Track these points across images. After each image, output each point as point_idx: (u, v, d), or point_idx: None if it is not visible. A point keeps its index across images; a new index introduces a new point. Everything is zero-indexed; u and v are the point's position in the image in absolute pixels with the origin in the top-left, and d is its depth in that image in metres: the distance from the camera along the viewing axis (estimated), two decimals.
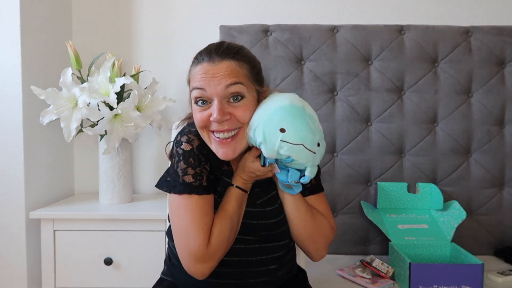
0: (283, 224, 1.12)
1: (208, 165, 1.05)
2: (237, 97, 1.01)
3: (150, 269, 1.61)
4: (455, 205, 1.70)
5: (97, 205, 1.75)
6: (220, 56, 1.01)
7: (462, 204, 1.72)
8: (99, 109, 1.58)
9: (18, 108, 1.61)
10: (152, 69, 1.93)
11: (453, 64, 1.80)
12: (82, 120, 1.62)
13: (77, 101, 1.60)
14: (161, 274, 1.21)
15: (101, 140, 1.72)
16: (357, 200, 1.79)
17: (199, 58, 1.04)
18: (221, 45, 1.04)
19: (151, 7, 1.97)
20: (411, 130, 1.79)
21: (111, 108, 1.62)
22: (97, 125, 1.60)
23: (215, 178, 1.07)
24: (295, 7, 1.94)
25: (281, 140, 0.98)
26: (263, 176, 1.07)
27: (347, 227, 1.79)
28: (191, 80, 1.04)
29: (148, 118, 1.68)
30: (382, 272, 1.51)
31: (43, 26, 1.74)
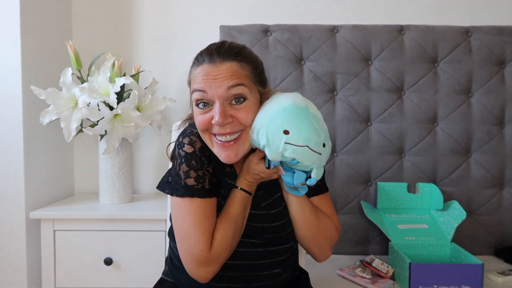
0: (288, 226, 1.11)
1: (210, 167, 1.03)
2: (239, 99, 0.98)
3: (150, 269, 1.61)
4: (455, 205, 1.70)
5: (97, 205, 1.75)
6: (221, 57, 0.98)
7: (462, 204, 1.72)
8: (99, 109, 1.58)
9: (18, 108, 1.61)
10: (152, 69, 1.93)
11: (453, 64, 1.80)
12: (82, 120, 1.62)
13: (77, 101, 1.60)
14: (162, 274, 1.20)
15: (101, 140, 1.72)
16: (357, 200, 1.79)
17: (199, 59, 1.01)
18: (222, 45, 1.01)
19: (151, 7, 1.97)
20: (411, 130, 1.79)
21: (111, 108, 1.62)
22: (97, 125, 1.60)
23: (217, 180, 1.06)
24: (295, 7, 1.94)
25: (285, 142, 0.95)
26: (268, 178, 1.05)
27: (347, 227, 1.79)
28: (192, 81, 1.02)
29: (148, 118, 1.68)
30: (382, 272, 1.51)
31: (43, 26, 1.74)
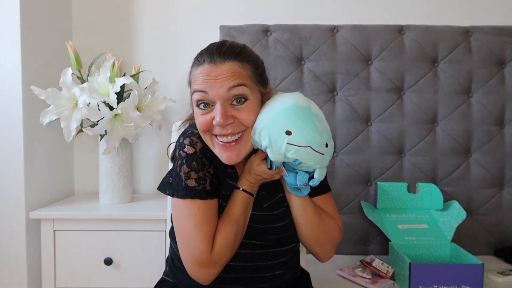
0: (290, 227, 1.10)
1: (211, 168, 1.03)
2: (241, 99, 0.98)
3: (150, 269, 1.61)
4: (455, 205, 1.70)
5: (97, 205, 1.75)
6: (222, 57, 0.97)
7: (462, 204, 1.72)
8: (99, 109, 1.58)
9: (18, 108, 1.61)
10: (152, 69, 1.93)
11: (453, 64, 1.80)
12: (82, 120, 1.62)
13: (77, 101, 1.60)
14: (162, 274, 1.20)
15: (101, 140, 1.72)
16: (357, 200, 1.79)
17: (200, 59, 1.00)
18: (222, 45, 1.00)
19: (151, 7, 1.97)
20: (411, 130, 1.79)
21: (111, 108, 1.62)
22: (97, 125, 1.60)
23: (219, 181, 1.05)
24: (295, 7, 1.94)
25: (287, 143, 0.94)
26: (270, 178, 1.05)
27: (347, 227, 1.79)
28: (192, 82, 1.01)
29: (148, 118, 1.68)
30: (382, 272, 1.51)
31: (43, 26, 1.74)
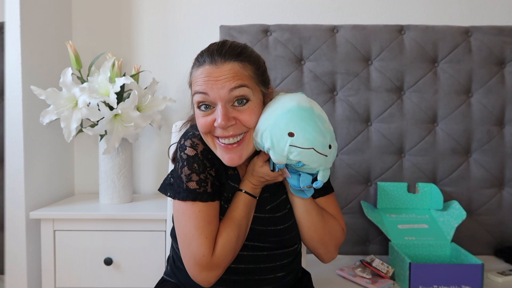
0: (293, 229, 1.10)
1: (213, 170, 1.02)
2: (242, 100, 0.96)
3: (150, 269, 1.61)
4: (455, 205, 1.70)
5: (97, 205, 1.75)
6: (222, 57, 0.96)
7: (462, 204, 1.72)
8: (99, 109, 1.58)
9: (18, 108, 1.61)
10: (152, 69, 1.93)
11: (453, 64, 1.80)
12: (82, 120, 1.62)
13: (77, 101, 1.60)
14: (163, 274, 1.19)
15: (101, 140, 1.72)
16: (357, 200, 1.79)
17: (200, 59, 0.99)
18: (223, 45, 0.99)
19: (151, 7, 1.97)
20: (411, 130, 1.79)
21: (111, 108, 1.62)
22: (97, 125, 1.60)
23: (220, 183, 1.04)
24: (295, 7, 1.94)
25: (290, 145, 0.93)
26: (273, 180, 1.04)
27: (347, 227, 1.79)
28: (193, 83, 0.99)
29: (148, 118, 1.68)
30: (382, 272, 1.51)
31: (43, 26, 1.74)
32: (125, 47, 1.97)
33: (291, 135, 0.94)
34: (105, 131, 1.62)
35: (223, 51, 0.97)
